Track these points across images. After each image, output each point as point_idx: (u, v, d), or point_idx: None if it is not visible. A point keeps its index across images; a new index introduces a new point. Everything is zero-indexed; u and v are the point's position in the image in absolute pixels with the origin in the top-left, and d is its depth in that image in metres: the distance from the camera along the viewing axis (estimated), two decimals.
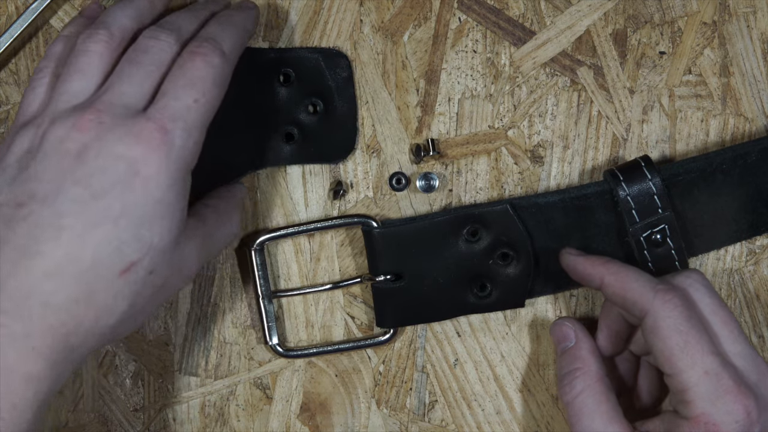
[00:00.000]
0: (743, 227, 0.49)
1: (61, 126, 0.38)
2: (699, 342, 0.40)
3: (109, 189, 0.37)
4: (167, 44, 0.41)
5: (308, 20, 0.50)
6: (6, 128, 0.49)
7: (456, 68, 0.50)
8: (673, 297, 0.41)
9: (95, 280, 0.37)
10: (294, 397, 0.49)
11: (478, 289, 0.48)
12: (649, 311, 0.41)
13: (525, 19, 0.50)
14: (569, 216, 0.48)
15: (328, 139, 0.49)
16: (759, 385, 0.40)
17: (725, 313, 0.42)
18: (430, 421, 0.49)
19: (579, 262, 0.45)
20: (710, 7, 0.50)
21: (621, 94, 0.50)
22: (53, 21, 0.50)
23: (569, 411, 0.43)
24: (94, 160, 0.38)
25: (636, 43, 0.50)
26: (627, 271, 0.43)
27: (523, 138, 0.50)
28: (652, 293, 0.41)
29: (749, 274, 0.50)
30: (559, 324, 0.47)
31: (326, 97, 0.48)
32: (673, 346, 0.40)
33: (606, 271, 0.43)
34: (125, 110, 0.39)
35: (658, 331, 0.40)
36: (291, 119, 0.48)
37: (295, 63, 0.48)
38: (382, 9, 0.50)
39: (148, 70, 0.40)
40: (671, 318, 0.40)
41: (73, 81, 0.40)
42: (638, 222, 0.46)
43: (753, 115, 0.50)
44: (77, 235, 0.37)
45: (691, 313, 0.40)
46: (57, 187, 0.37)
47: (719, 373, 0.39)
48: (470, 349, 0.49)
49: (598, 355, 0.45)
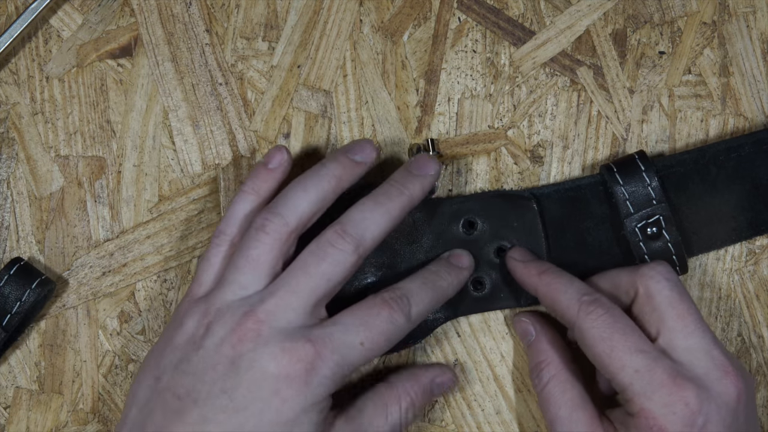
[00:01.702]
0: (742, 225, 0.48)
1: (223, 325, 0.40)
2: (624, 344, 0.41)
3: (250, 404, 0.39)
4: (345, 255, 0.41)
5: (308, 20, 0.50)
6: (5, 128, 0.49)
7: (456, 68, 0.50)
8: (596, 308, 0.42)
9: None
10: None
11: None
12: (575, 323, 0.42)
13: (525, 19, 0.50)
14: (564, 208, 0.48)
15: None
16: (706, 377, 0.40)
17: (683, 306, 0.42)
18: (430, 421, 0.49)
19: (518, 269, 0.46)
20: (710, 7, 0.50)
21: (621, 94, 0.50)
22: (53, 21, 0.50)
23: (540, 402, 0.45)
24: (245, 372, 0.39)
25: (636, 43, 0.50)
26: (558, 283, 0.44)
27: (522, 138, 0.50)
28: (576, 306, 0.42)
29: (749, 274, 0.50)
30: (517, 320, 0.48)
31: (512, 238, 0.48)
32: (600, 353, 0.41)
33: (539, 282, 0.44)
34: (287, 324, 0.40)
35: (585, 341, 0.42)
36: (479, 266, 0.48)
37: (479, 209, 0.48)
38: (382, 9, 0.50)
39: (317, 283, 0.40)
40: (594, 328, 0.41)
41: (243, 273, 0.41)
42: (633, 213, 0.47)
43: (752, 114, 0.50)
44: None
45: (615, 319, 0.41)
46: (208, 391, 0.39)
47: (651, 369, 0.40)
48: (470, 349, 0.49)
49: (560, 344, 0.46)
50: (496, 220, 0.47)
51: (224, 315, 0.40)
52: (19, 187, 0.49)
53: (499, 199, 0.48)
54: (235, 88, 0.50)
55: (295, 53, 0.50)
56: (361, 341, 0.40)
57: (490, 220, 0.47)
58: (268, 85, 0.50)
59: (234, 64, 0.50)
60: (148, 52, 0.50)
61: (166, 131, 0.50)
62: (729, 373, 0.40)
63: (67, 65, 0.50)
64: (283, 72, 0.50)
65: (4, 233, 0.49)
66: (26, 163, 0.49)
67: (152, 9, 0.50)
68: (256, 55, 0.50)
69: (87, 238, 0.49)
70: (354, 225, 0.41)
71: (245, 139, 0.50)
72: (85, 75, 0.50)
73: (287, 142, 0.50)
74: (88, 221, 0.49)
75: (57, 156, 0.49)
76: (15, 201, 0.49)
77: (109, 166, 0.49)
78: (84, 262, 0.49)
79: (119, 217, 0.49)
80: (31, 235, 0.49)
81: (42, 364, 0.49)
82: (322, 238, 0.41)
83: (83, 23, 0.50)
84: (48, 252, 0.49)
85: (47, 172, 0.49)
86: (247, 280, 0.41)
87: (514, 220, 0.47)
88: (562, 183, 0.48)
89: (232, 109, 0.50)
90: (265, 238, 0.41)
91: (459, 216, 0.47)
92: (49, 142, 0.49)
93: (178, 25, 0.50)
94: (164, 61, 0.50)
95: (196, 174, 0.50)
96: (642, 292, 0.43)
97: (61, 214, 0.49)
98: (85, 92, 0.50)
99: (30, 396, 0.49)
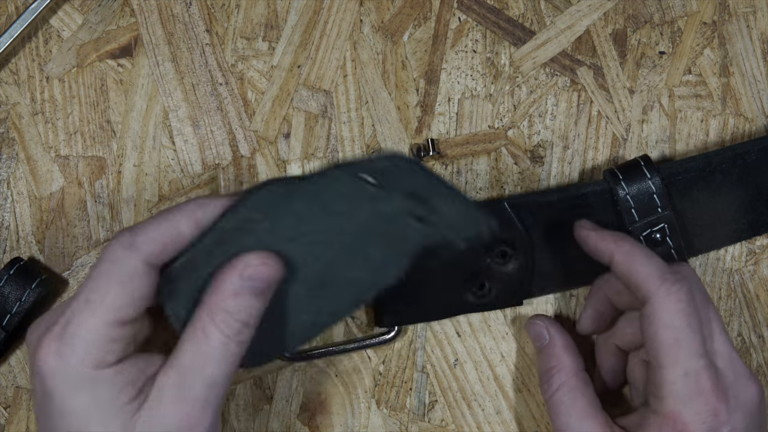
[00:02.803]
0: (743, 227, 0.49)
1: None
2: (690, 342, 0.39)
3: (39, 414, 0.38)
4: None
5: (308, 20, 0.50)
6: (5, 128, 0.49)
7: (456, 68, 0.50)
8: (678, 289, 0.40)
9: None
10: (294, 397, 0.49)
11: (476, 288, 0.48)
12: (650, 300, 0.40)
13: (525, 19, 0.50)
14: (568, 215, 0.48)
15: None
16: (734, 385, 0.40)
17: (709, 310, 0.42)
18: (430, 421, 0.49)
19: (591, 237, 0.44)
20: (710, 7, 0.50)
21: (621, 94, 0.50)
22: (53, 21, 0.50)
23: (548, 408, 0.44)
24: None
25: (636, 43, 0.50)
26: (637, 252, 0.42)
27: (523, 138, 0.50)
28: (659, 281, 0.40)
29: (749, 274, 0.50)
30: (532, 323, 0.47)
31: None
32: (663, 340, 0.40)
33: (616, 249, 0.42)
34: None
35: (654, 321, 0.40)
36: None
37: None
38: (382, 9, 0.50)
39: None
40: (669, 312, 0.40)
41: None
42: (638, 221, 0.46)
43: (753, 115, 0.50)
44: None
45: (692, 309, 0.40)
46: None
47: (699, 375, 0.39)
48: (470, 349, 0.49)
49: (573, 350, 0.45)
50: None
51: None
52: (19, 187, 0.49)
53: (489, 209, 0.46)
54: (236, 88, 0.50)
55: (296, 53, 0.50)
56: (86, 299, 0.37)
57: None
58: (268, 85, 0.50)
59: (234, 64, 0.50)
60: (148, 52, 0.50)
61: (167, 131, 0.50)
62: (752, 380, 0.40)
63: (68, 65, 0.50)
64: (283, 72, 0.50)
65: (4, 233, 0.49)
66: (26, 163, 0.49)
67: (152, 9, 0.50)
68: (257, 55, 0.50)
69: (87, 238, 0.49)
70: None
71: (245, 139, 0.50)
72: (85, 75, 0.50)
73: (287, 142, 0.50)
74: (88, 221, 0.49)
75: (57, 156, 0.49)
76: (15, 201, 0.49)
77: (109, 166, 0.49)
78: (84, 262, 0.49)
79: (119, 217, 0.49)
80: (31, 235, 0.49)
81: None
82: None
83: (83, 23, 0.50)
84: (48, 252, 0.49)
85: (47, 172, 0.49)
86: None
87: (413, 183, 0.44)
88: (566, 189, 0.48)
89: (233, 109, 0.50)
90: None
91: None
92: (49, 142, 0.49)
93: (178, 25, 0.50)
94: (164, 61, 0.50)
95: (196, 174, 0.50)
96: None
97: (61, 214, 0.49)
98: (86, 92, 0.50)
99: (30, 396, 0.49)
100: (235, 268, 0.38)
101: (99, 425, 0.36)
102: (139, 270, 0.37)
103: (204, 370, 0.37)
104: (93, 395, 0.36)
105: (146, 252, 0.37)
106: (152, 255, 0.37)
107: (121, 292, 0.37)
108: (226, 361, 0.37)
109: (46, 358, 0.36)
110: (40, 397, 0.37)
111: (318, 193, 0.40)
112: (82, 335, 0.36)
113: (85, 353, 0.36)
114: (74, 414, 0.36)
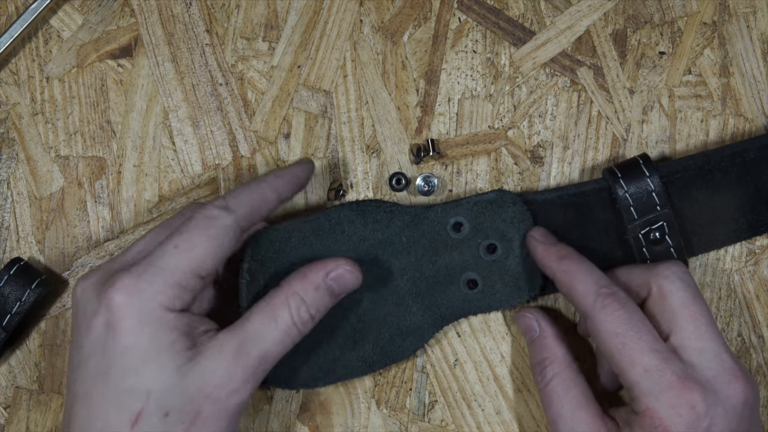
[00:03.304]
0: (743, 227, 0.48)
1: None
2: (637, 342, 0.40)
3: (92, 352, 0.39)
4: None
5: (308, 20, 0.50)
6: (5, 128, 0.49)
7: (456, 68, 0.50)
8: (612, 302, 0.41)
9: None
10: (294, 397, 0.49)
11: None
12: (589, 315, 0.42)
13: (525, 20, 0.50)
14: (567, 213, 0.48)
15: (511, 280, 0.48)
16: (714, 381, 0.40)
17: (696, 308, 0.42)
18: (430, 421, 0.49)
19: (537, 250, 0.46)
20: (710, 7, 0.50)
21: (621, 95, 0.50)
22: (53, 21, 0.50)
23: (541, 398, 0.45)
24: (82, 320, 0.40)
25: (636, 43, 0.50)
26: (576, 270, 0.43)
27: (523, 138, 0.50)
28: (593, 297, 0.42)
29: (749, 274, 0.50)
30: (521, 315, 0.47)
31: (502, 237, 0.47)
32: (612, 348, 0.41)
33: (557, 268, 0.44)
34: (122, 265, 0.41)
35: (598, 335, 0.42)
36: (470, 265, 0.47)
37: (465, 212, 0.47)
38: (382, 9, 0.50)
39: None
40: (608, 322, 0.41)
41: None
42: (637, 219, 0.46)
43: (753, 115, 0.50)
44: (84, 403, 0.39)
45: (630, 315, 0.41)
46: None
47: (661, 369, 0.40)
48: (470, 350, 0.49)
49: (563, 341, 0.46)
50: (486, 218, 0.47)
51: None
52: (20, 188, 0.49)
53: (485, 202, 0.47)
54: (236, 89, 0.50)
55: (296, 53, 0.50)
56: (175, 245, 0.40)
57: (477, 220, 0.47)
58: (268, 86, 0.50)
59: (234, 65, 0.50)
60: (148, 52, 0.50)
61: (167, 131, 0.50)
62: (738, 377, 0.40)
63: (68, 65, 0.50)
64: (283, 72, 0.50)
65: (4, 233, 0.49)
66: (26, 164, 0.49)
67: (152, 9, 0.50)
68: (257, 55, 0.50)
69: (87, 238, 0.49)
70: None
71: (245, 139, 0.50)
72: (85, 75, 0.50)
73: (287, 143, 0.50)
74: (88, 221, 0.49)
75: (57, 156, 0.49)
76: (15, 201, 0.49)
77: (109, 166, 0.49)
78: (84, 262, 0.49)
79: (119, 218, 0.49)
80: (31, 236, 0.49)
81: (42, 365, 0.49)
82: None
83: (83, 23, 0.50)
84: (48, 252, 0.49)
85: (47, 172, 0.49)
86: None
87: (504, 216, 0.47)
88: (565, 188, 0.48)
89: (233, 110, 0.50)
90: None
91: (445, 220, 0.47)
92: (49, 143, 0.49)
93: (178, 25, 0.50)
94: (164, 62, 0.50)
95: (196, 174, 0.50)
96: (656, 291, 0.43)
97: (61, 215, 0.49)
98: (86, 92, 0.50)
99: (30, 396, 0.49)
100: (325, 266, 0.43)
101: (155, 364, 0.38)
102: (230, 229, 0.41)
103: (264, 344, 0.40)
104: (156, 335, 0.39)
105: (239, 214, 0.42)
106: (243, 217, 0.42)
107: (210, 245, 0.40)
108: (283, 344, 0.41)
109: (120, 290, 0.39)
110: (100, 333, 0.39)
111: (405, 227, 0.46)
112: (164, 276, 0.39)
113: (160, 292, 0.39)
114: (135, 349, 0.38)
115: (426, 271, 0.47)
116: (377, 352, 0.47)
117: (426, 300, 0.47)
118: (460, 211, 0.47)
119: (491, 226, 0.47)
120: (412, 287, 0.47)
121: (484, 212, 0.47)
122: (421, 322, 0.47)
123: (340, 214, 0.46)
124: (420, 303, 0.47)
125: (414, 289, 0.47)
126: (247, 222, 0.42)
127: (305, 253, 0.45)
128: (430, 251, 0.47)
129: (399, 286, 0.47)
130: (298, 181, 0.45)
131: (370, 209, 0.46)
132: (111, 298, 0.39)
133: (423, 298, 0.47)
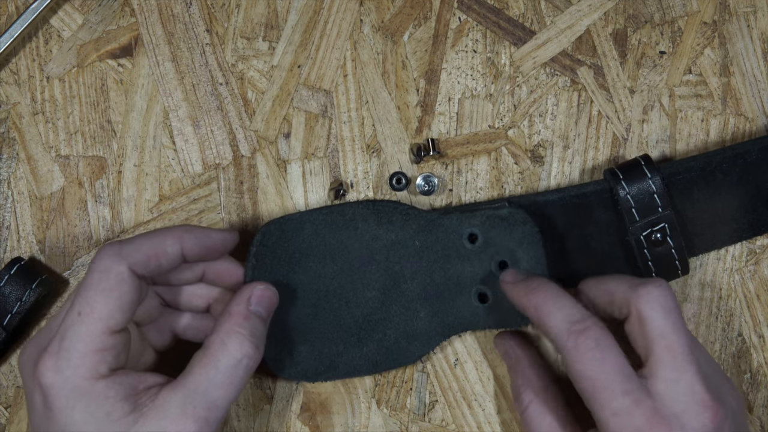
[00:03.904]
0: (743, 227, 0.48)
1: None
2: (608, 386, 0.40)
3: (39, 425, 0.39)
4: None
5: (308, 20, 0.50)
6: (6, 128, 0.49)
7: (456, 68, 0.50)
8: (584, 340, 0.41)
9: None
10: (294, 397, 0.49)
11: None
12: (562, 352, 0.42)
13: (525, 19, 0.50)
14: (569, 214, 0.48)
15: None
16: (683, 415, 0.40)
17: (674, 337, 0.41)
18: (431, 421, 0.49)
19: (508, 290, 0.45)
20: (710, 6, 0.50)
21: (621, 94, 0.50)
22: (53, 21, 0.50)
23: (521, 423, 0.45)
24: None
25: (636, 42, 0.50)
26: (547, 305, 0.43)
27: (523, 138, 0.50)
28: (565, 335, 0.41)
29: (749, 274, 0.50)
30: (498, 342, 0.48)
31: (513, 251, 0.47)
32: (583, 389, 0.41)
33: (528, 304, 0.43)
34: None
35: (571, 373, 0.41)
36: (482, 279, 0.47)
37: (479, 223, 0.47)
38: (382, 9, 0.50)
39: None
40: (580, 363, 0.40)
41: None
42: (638, 221, 0.46)
43: (753, 114, 0.50)
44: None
45: (603, 354, 0.40)
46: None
47: (630, 413, 0.39)
48: (470, 349, 0.49)
49: (539, 365, 0.46)
50: (497, 233, 0.47)
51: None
52: (20, 187, 0.49)
53: (498, 218, 0.47)
54: (236, 88, 0.50)
55: (296, 53, 0.50)
56: (78, 311, 0.39)
57: (489, 234, 0.47)
58: (268, 85, 0.50)
59: (234, 64, 0.50)
60: (148, 52, 0.50)
61: (167, 131, 0.50)
62: (708, 407, 0.40)
63: (68, 65, 0.50)
64: (283, 72, 0.50)
65: (4, 233, 0.49)
66: (27, 163, 0.49)
67: (152, 9, 0.50)
68: (257, 55, 0.50)
69: (87, 237, 0.49)
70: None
71: (246, 139, 0.50)
72: (85, 75, 0.50)
73: (288, 142, 0.50)
74: (88, 221, 0.49)
75: (57, 156, 0.49)
76: (16, 201, 0.49)
77: (109, 165, 0.49)
78: (84, 261, 0.49)
79: (120, 217, 0.49)
80: (31, 235, 0.49)
81: None
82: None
83: (83, 23, 0.50)
84: (48, 252, 0.49)
85: (48, 172, 0.49)
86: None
87: (514, 234, 0.47)
88: (566, 189, 0.48)
89: (233, 109, 0.50)
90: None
91: (461, 230, 0.47)
92: (49, 142, 0.49)
93: (178, 25, 0.50)
94: (164, 61, 0.50)
95: (196, 174, 0.50)
96: (635, 314, 0.42)
97: (62, 214, 0.49)
98: (86, 92, 0.50)
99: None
100: (242, 296, 0.43)
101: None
102: (125, 276, 0.40)
103: (209, 392, 0.39)
104: (89, 407, 0.38)
105: (131, 260, 0.40)
106: (137, 264, 0.40)
107: (110, 299, 0.39)
108: (232, 384, 0.40)
109: (45, 372, 0.38)
110: (41, 412, 0.38)
111: (419, 232, 0.47)
112: (77, 347, 0.38)
113: (79, 364, 0.38)
114: (73, 425, 0.38)
115: (437, 277, 0.47)
116: (381, 353, 0.47)
117: (434, 306, 0.47)
118: (475, 222, 0.47)
119: (501, 243, 0.47)
120: (422, 292, 0.47)
121: (495, 228, 0.47)
122: (428, 328, 0.47)
123: (355, 210, 0.46)
124: (428, 309, 0.47)
125: (423, 294, 0.47)
126: (144, 269, 0.41)
127: (317, 245, 0.45)
128: (442, 258, 0.47)
129: (408, 290, 0.47)
130: (210, 241, 0.43)
131: (385, 209, 0.46)
132: (38, 379, 0.38)
133: (432, 304, 0.47)
